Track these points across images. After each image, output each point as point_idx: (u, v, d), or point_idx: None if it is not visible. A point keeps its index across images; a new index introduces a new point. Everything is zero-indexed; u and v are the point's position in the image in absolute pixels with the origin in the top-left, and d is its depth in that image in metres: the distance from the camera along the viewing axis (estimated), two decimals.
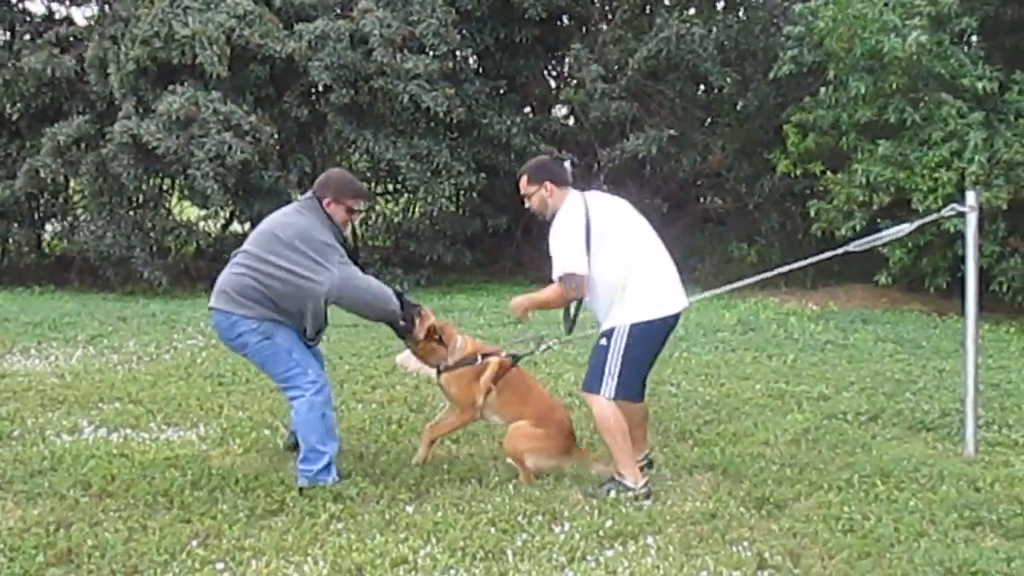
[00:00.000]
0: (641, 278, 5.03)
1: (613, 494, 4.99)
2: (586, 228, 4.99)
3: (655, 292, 5.05)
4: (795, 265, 6.62)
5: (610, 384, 4.99)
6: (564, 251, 4.97)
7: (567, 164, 5.38)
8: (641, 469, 5.21)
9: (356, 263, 5.30)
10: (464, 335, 5.68)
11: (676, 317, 5.13)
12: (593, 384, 5.04)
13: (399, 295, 5.37)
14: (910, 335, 9.96)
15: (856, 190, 11.62)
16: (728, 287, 7.19)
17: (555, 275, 5.02)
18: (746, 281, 6.85)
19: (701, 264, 14.45)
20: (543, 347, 5.76)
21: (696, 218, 16.00)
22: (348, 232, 5.54)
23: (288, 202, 13.30)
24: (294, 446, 5.51)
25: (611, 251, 4.99)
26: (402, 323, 5.38)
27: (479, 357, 5.45)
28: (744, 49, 14.41)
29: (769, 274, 6.72)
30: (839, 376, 7.99)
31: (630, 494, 4.98)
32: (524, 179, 5.27)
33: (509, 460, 5.34)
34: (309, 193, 5.38)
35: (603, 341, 5.04)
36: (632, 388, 5.09)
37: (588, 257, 4.96)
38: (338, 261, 5.11)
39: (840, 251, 6.26)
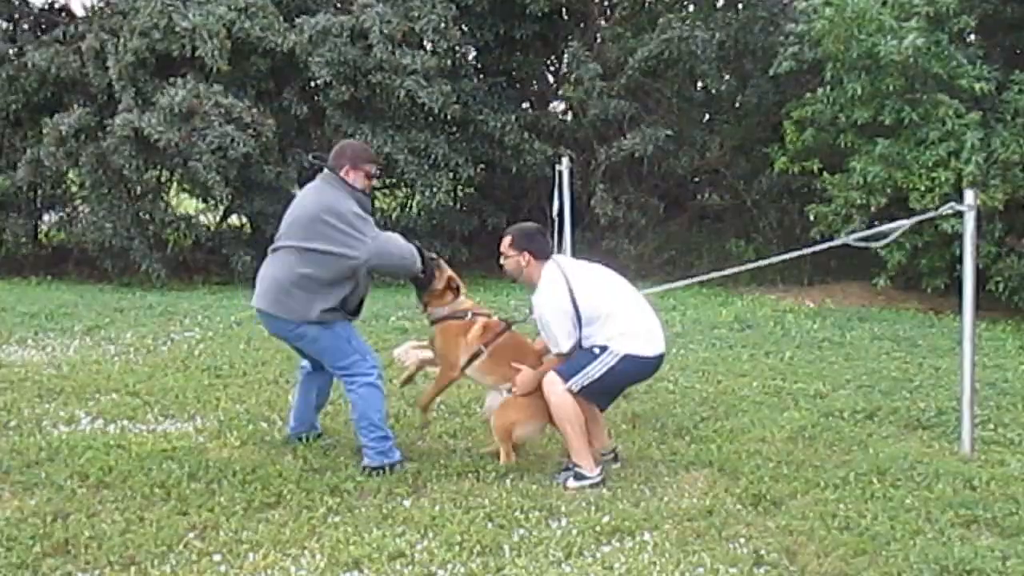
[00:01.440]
0: (632, 322, 5.25)
1: (572, 483, 5.12)
2: (572, 300, 5.17)
3: (646, 333, 5.27)
4: (789, 255, 6.66)
5: (581, 381, 5.16)
6: (559, 332, 5.20)
7: (566, 156, 5.46)
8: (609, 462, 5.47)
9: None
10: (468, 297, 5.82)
11: (660, 359, 5.36)
12: (567, 372, 5.19)
13: (419, 249, 5.50)
14: (907, 333, 9.97)
15: (853, 192, 11.62)
16: (715, 275, 7.26)
17: (555, 352, 5.28)
18: (737, 269, 6.90)
19: (699, 261, 14.46)
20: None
21: (694, 215, 15.99)
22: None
23: (286, 196, 13.34)
24: (302, 438, 5.73)
25: (596, 314, 5.19)
26: (422, 275, 5.51)
27: (469, 314, 5.61)
28: (743, 47, 14.39)
29: (763, 263, 6.75)
30: (836, 374, 8.00)
31: (587, 483, 5.11)
32: (507, 241, 5.43)
33: (495, 436, 5.48)
34: (325, 170, 5.46)
35: (595, 350, 5.19)
36: (597, 397, 5.30)
37: (579, 325, 5.19)
38: (371, 233, 5.24)
39: (838, 242, 6.30)
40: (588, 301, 5.20)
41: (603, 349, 5.16)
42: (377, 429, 5.32)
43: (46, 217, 15.59)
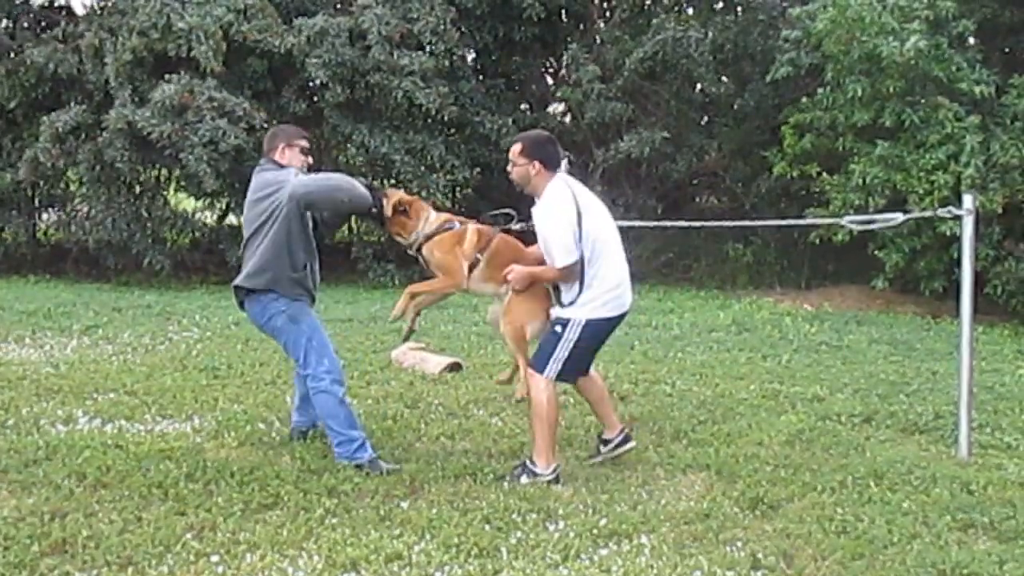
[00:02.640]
0: (604, 278, 5.21)
1: (524, 479, 5.19)
2: (578, 217, 5.13)
3: (612, 293, 5.24)
4: (773, 222, 6.67)
5: (554, 368, 5.20)
6: (563, 244, 5.13)
7: (564, 159, 5.44)
8: (620, 444, 5.55)
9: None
10: (439, 213, 5.76)
11: (624, 315, 5.37)
12: (539, 364, 5.23)
13: (367, 187, 5.50)
14: (904, 337, 9.98)
15: (852, 194, 11.63)
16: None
17: (558, 265, 5.18)
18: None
19: (696, 264, 14.47)
20: (518, 224, 5.82)
21: (692, 218, 15.97)
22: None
23: None
24: (305, 433, 5.82)
25: (589, 244, 5.16)
26: (374, 209, 5.49)
27: (456, 223, 5.58)
28: (742, 50, 14.41)
29: (718, 223, 6.75)
30: (833, 377, 8.00)
31: (539, 479, 5.18)
32: (517, 149, 5.35)
33: (508, 344, 5.47)
34: (261, 159, 5.58)
35: (557, 328, 5.22)
36: (573, 374, 5.35)
37: (580, 243, 5.13)
38: (294, 175, 5.29)
39: (834, 220, 6.31)
40: (588, 218, 5.15)
41: (564, 325, 5.16)
42: (337, 434, 5.36)
43: (45, 216, 15.60)
